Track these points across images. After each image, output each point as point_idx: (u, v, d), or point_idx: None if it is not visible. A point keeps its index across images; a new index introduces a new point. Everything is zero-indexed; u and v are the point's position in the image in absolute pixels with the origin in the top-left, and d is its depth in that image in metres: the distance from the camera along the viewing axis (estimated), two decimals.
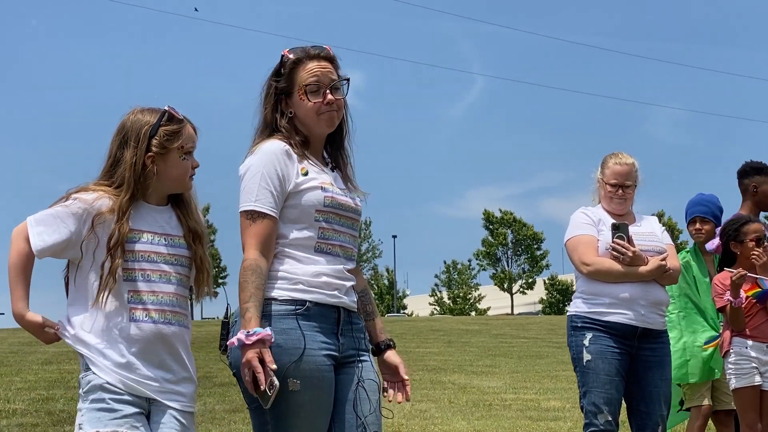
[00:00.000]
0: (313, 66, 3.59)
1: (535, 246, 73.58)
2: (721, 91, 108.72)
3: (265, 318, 3.39)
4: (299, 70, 3.58)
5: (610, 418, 5.19)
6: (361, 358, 3.58)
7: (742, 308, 5.97)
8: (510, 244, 73.54)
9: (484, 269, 74.61)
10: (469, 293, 74.49)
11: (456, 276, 75.99)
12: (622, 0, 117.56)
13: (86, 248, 3.35)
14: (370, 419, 3.52)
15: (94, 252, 3.35)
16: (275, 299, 3.42)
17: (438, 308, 74.68)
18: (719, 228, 6.35)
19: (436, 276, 77.01)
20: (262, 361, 3.25)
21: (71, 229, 3.32)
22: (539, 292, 75.41)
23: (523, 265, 73.69)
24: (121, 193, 3.35)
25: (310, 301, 3.43)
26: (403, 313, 72.52)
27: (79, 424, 3.30)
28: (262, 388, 3.25)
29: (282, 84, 3.59)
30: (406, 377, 3.73)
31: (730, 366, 6.07)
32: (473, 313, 69.57)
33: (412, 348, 20.09)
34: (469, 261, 75.76)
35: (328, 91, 3.57)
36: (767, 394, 5.99)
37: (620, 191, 5.46)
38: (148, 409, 3.33)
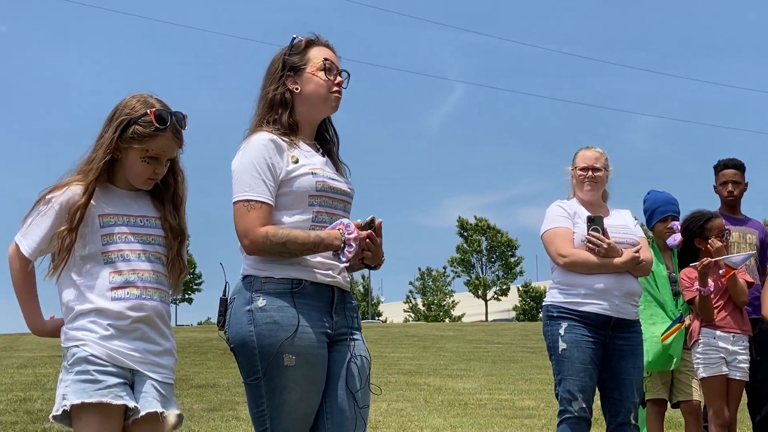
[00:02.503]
0: (327, 50, 3.80)
1: (509, 253, 73.80)
2: (698, 99, 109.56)
3: (263, 295, 3.55)
4: (313, 50, 3.77)
5: (584, 405, 5.35)
6: (353, 336, 3.73)
7: (711, 298, 6.16)
8: (484, 251, 73.72)
9: (458, 276, 74.76)
10: (444, 300, 74.59)
11: (431, 283, 76.11)
12: (601, 9, 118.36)
13: None
14: (360, 395, 3.67)
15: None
16: (272, 278, 3.57)
17: (412, 315, 74.76)
18: (677, 223, 6.57)
19: (411, 283, 77.13)
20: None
21: (50, 222, 3.47)
22: (513, 299, 75.64)
23: (497, 272, 73.86)
24: (89, 175, 3.48)
25: (305, 280, 3.57)
26: (378, 319, 72.56)
27: (63, 395, 3.40)
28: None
29: (294, 58, 3.74)
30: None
31: (698, 355, 6.25)
32: (447, 320, 69.69)
33: (387, 353, 20.15)
34: (444, 268, 75.97)
35: (338, 74, 3.77)
36: (733, 383, 6.18)
37: (590, 173, 5.64)
38: (131, 380, 3.45)
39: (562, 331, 5.42)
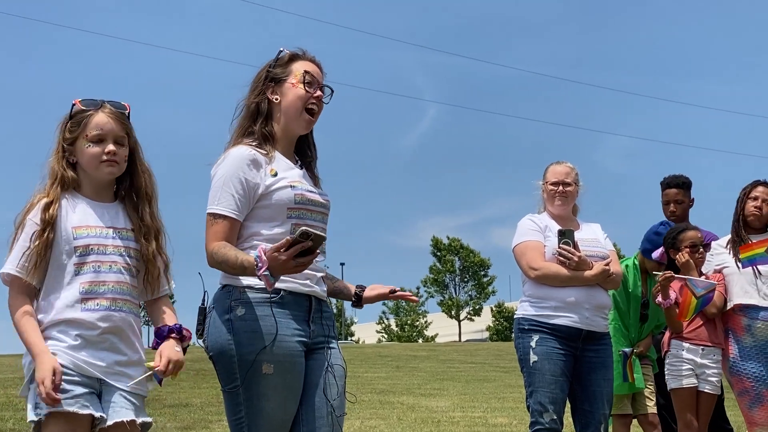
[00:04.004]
0: (310, 64, 3.86)
1: (482, 272, 73.89)
2: (667, 119, 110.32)
3: (242, 305, 3.61)
4: (296, 63, 3.84)
5: (555, 417, 5.42)
6: (330, 345, 3.80)
7: (676, 310, 6.24)
8: (458, 271, 73.77)
9: (432, 296, 74.70)
10: (417, 320, 74.56)
11: (404, 303, 76.04)
12: (574, 30, 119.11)
13: None
14: (337, 403, 3.73)
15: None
16: (251, 287, 3.63)
17: (385, 336, 74.68)
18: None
19: (384, 303, 77.03)
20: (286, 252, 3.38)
21: (29, 235, 3.50)
22: (486, 319, 75.77)
23: (470, 292, 73.89)
24: (54, 183, 3.55)
25: (284, 290, 3.64)
26: (351, 340, 72.48)
27: (36, 403, 3.41)
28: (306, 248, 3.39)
29: (277, 70, 3.81)
30: (395, 288, 4.04)
31: (667, 367, 6.33)
32: (420, 340, 69.65)
33: (361, 373, 20.17)
34: (418, 288, 75.91)
35: (318, 88, 3.83)
36: (703, 395, 6.26)
37: (561, 188, 5.72)
38: (99, 390, 3.48)
39: (533, 344, 5.49)
